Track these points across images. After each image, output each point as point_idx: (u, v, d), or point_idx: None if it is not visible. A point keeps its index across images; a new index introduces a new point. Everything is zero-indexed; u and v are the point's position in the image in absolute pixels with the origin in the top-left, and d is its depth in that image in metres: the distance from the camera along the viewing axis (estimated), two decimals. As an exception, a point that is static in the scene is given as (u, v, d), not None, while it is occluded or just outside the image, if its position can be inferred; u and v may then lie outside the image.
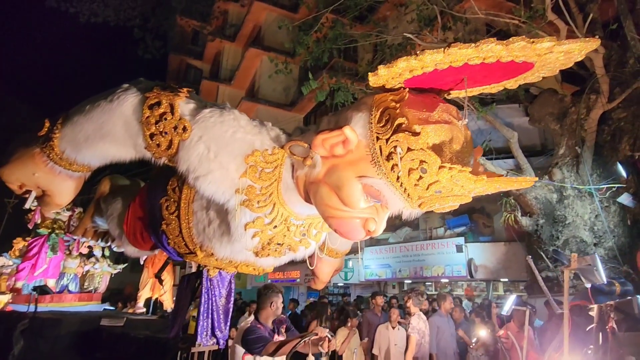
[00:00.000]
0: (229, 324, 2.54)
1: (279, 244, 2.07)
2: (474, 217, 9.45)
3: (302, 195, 1.80)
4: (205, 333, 2.39)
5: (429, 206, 1.49)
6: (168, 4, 15.79)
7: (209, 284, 2.43)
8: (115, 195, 2.85)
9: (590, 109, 6.14)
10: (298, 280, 12.23)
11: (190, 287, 2.57)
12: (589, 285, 3.35)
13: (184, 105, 1.82)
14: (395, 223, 10.62)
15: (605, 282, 3.12)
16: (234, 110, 1.87)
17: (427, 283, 10.15)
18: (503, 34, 7.75)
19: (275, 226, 1.96)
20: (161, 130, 1.79)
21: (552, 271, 6.19)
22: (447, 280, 9.44)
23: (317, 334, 2.33)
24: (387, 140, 1.40)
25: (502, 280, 8.86)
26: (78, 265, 5.88)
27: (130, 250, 2.79)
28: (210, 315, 2.42)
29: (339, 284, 11.76)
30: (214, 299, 2.44)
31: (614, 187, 5.72)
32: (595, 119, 6.10)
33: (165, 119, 1.78)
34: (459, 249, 8.50)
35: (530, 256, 4.87)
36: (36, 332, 3.62)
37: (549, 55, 1.33)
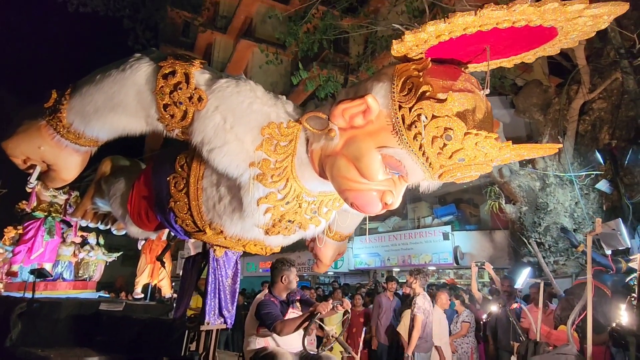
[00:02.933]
0: (235, 303, 2.53)
1: (290, 221, 2.04)
2: (461, 207, 9.66)
3: (317, 169, 1.77)
4: (213, 312, 2.36)
5: (450, 176, 1.45)
6: (159, -6, 15.66)
7: (215, 264, 2.39)
8: (117, 176, 2.79)
9: (572, 100, 6.33)
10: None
11: (196, 268, 2.54)
12: (609, 252, 3.41)
13: (199, 75, 1.77)
14: (384, 213, 10.76)
15: (628, 246, 3.13)
16: (250, 81, 1.82)
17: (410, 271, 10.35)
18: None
19: (288, 202, 1.92)
20: (175, 100, 1.73)
21: (534, 257, 6.40)
22: (434, 268, 9.64)
23: (321, 312, 2.34)
24: (410, 108, 1.38)
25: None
26: (72, 252, 5.85)
27: (134, 231, 2.73)
28: (217, 295, 2.39)
29: (329, 273, 11.91)
30: (220, 278, 2.41)
31: (593, 174, 5.92)
32: (576, 109, 6.28)
33: (180, 89, 1.72)
34: (446, 237, 8.70)
35: (533, 240, 5.00)
36: (34, 316, 3.57)
37: (577, 20, 1.29)
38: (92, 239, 6.28)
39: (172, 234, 2.78)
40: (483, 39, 1.37)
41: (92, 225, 3.33)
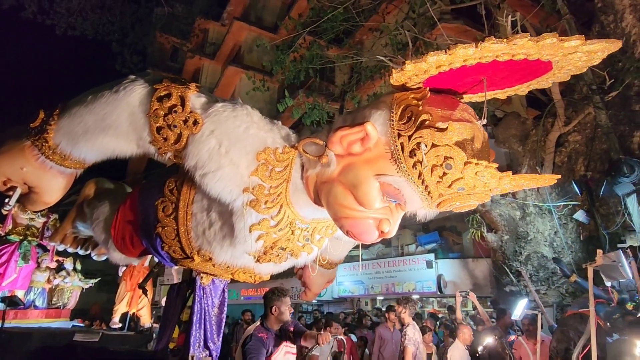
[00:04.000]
0: (221, 335, 2.42)
1: (281, 249, 2.00)
2: (444, 234, 9.72)
3: (312, 196, 1.75)
4: (198, 344, 2.26)
5: (449, 205, 1.44)
6: (148, 20, 15.86)
7: (201, 292, 2.30)
8: (101, 199, 2.71)
9: (548, 132, 6.56)
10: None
11: (181, 296, 2.44)
12: (609, 284, 3.38)
13: (195, 98, 1.75)
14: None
15: (630, 278, 3.12)
16: (247, 105, 1.81)
17: (398, 300, 10.26)
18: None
19: (281, 229, 1.89)
20: (169, 123, 1.70)
21: (516, 286, 6.44)
22: (418, 297, 9.59)
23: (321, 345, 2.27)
24: (409, 136, 1.38)
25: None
26: (47, 279, 5.61)
27: (117, 257, 2.62)
28: (203, 326, 2.28)
29: (312, 301, 11.73)
30: (207, 308, 2.31)
31: (570, 204, 6.08)
32: (553, 140, 6.51)
33: (175, 112, 1.70)
34: (429, 265, 8.71)
35: (519, 268, 4.98)
36: (3, 348, 3.39)
37: (573, 55, 1.33)
38: (68, 264, 6.05)
39: (156, 260, 2.70)
40: (480, 71, 1.40)
41: (71, 250, 3.19)
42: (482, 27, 7.41)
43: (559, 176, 1.55)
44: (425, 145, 1.34)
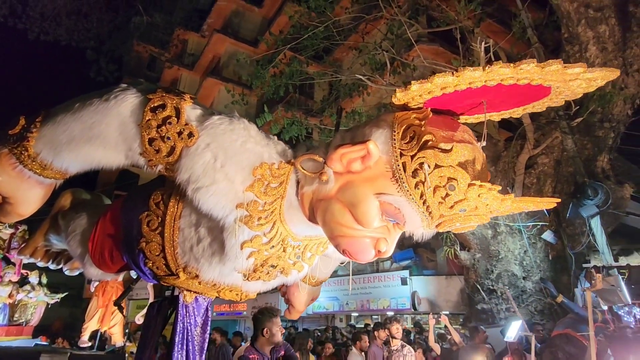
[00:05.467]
0: (204, 356, 2.29)
1: (272, 266, 1.94)
2: (419, 251, 9.84)
3: (306, 213, 1.71)
4: None
5: (449, 226, 1.44)
6: (126, 29, 15.66)
7: (184, 311, 2.18)
8: (78, 210, 2.55)
9: (519, 154, 6.81)
10: (245, 313, 11.87)
11: (161, 315, 2.30)
12: (605, 307, 3.39)
13: (191, 110, 1.69)
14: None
15: (629, 303, 3.13)
16: (244, 119, 1.76)
17: (373, 316, 10.27)
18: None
19: (273, 246, 1.84)
20: (163, 135, 1.65)
21: (488, 304, 6.57)
22: (392, 313, 9.62)
23: None
24: (412, 156, 1.38)
25: (444, 313, 9.19)
26: (8, 293, 5.27)
27: (93, 273, 2.47)
28: (185, 347, 2.16)
29: (276, 308, 11.58)
30: (189, 327, 2.20)
31: (539, 224, 6.29)
32: (523, 162, 6.75)
33: (170, 124, 1.65)
34: (404, 281, 8.78)
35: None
36: None
37: (574, 82, 1.37)
38: (34, 277, 5.72)
39: (133, 276, 2.57)
40: (480, 93, 1.42)
41: (41, 264, 3.01)
42: (457, 49, 7.70)
43: (559, 200, 1.55)
44: (429, 166, 1.34)
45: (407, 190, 1.41)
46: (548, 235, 6.11)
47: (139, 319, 4.93)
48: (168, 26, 16.98)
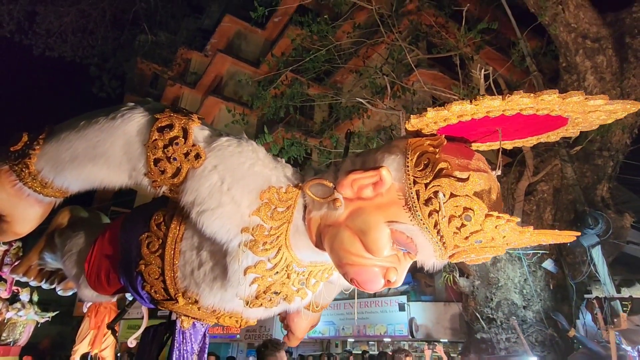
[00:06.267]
0: None
1: (275, 293, 1.88)
2: (417, 276, 9.70)
3: (313, 239, 1.67)
4: None
5: (463, 257, 1.39)
6: (130, 47, 15.88)
7: (181, 337, 2.10)
8: (75, 229, 2.48)
9: (518, 180, 6.79)
10: (238, 336, 11.60)
11: (157, 340, 2.21)
12: (629, 349, 3.28)
13: (199, 131, 1.66)
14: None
15: None
16: (252, 141, 1.73)
17: (370, 342, 10.04)
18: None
19: (277, 272, 1.79)
20: (169, 155, 1.61)
21: (487, 333, 6.42)
22: (389, 340, 9.41)
23: None
24: (426, 184, 1.34)
25: (442, 340, 8.98)
26: None
27: (88, 294, 2.40)
28: None
29: (280, 341, 11.32)
30: (185, 355, 2.11)
31: (539, 253, 6.21)
32: (522, 189, 6.73)
33: (177, 144, 1.61)
34: (402, 307, 8.61)
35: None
36: None
37: (593, 114, 1.35)
38: (25, 295, 5.53)
39: (129, 298, 2.48)
40: (496, 121, 1.39)
41: (34, 283, 2.91)
42: (456, 75, 7.79)
43: (579, 233, 1.52)
44: (444, 195, 1.30)
45: (421, 219, 1.37)
46: (549, 264, 6.03)
47: (132, 342, 4.80)
48: (172, 45, 17.22)
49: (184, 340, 2.11)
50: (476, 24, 6.81)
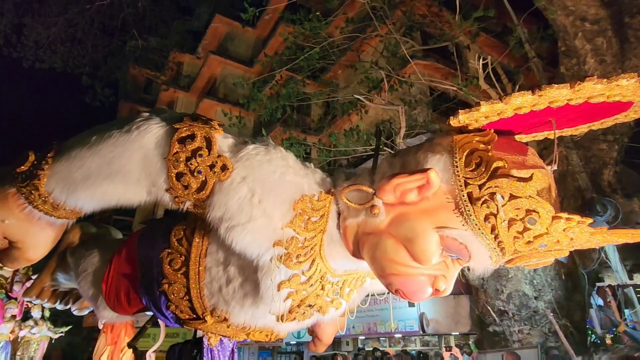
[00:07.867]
0: None
1: (309, 306, 1.77)
2: (425, 270, 9.63)
3: (350, 247, 1.56)
4: None
5: (523, 262, 1.30)
6: (121, 53, 15.70)
7: (209, 355, 2.02)
8: (89, 247, 2.37)
9: (522, 169, 6.70)
10: (248, 340, 11.57)
11: (184, 359, 2.12)
12: None
13: (222, 139, 1.51)
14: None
15: None
16: (280, 147, 1.61)
17: (381, 339, 10.01)
18: (445, 98, 8.45)
19: (311, 285, 1.68)
20: (192, 168, 1.48)
21: (499, 325, 6.36)
22: (400, 336, 9.37)
23: None
24: (480, 185, 1.23)
25: (453, 334, 8.94)
26: (11, 330, 5.02)
27: (108, 315, 2.30)
28: None
29: (292, 342, 11.28)
30: None
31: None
32: (527, 178, 6.63)
33: (200, 156, 1.48)
34: (411, 303, 8.55)
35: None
36: None
37: None
38: (36, 312, 5.47)
39: (149, 314, 2.37)
40: (548, 112, 1.28)
41: (48, 305, 2.78)
42: (453, 63, 7.66)
43: None
44: (502, 197, 1.19)
45: (475, 224, 1.25)
46: (558, 253, 5.94)
47: (150, 356, 4.74)
48: (163, 49, 17.02)
49: (212, 358, 2.03)
50: (470, 11, 6.67)
